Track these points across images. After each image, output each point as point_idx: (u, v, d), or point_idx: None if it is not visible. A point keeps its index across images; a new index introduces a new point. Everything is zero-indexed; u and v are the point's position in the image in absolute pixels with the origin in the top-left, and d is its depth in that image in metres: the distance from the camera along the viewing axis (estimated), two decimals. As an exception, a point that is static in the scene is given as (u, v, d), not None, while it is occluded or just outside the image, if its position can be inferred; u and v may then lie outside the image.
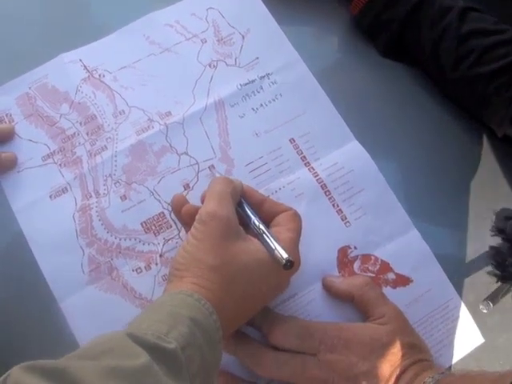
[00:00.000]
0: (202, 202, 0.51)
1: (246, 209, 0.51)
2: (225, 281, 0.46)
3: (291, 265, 0.46)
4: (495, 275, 0.53)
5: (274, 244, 0.47)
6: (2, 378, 0.33)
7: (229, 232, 0.47)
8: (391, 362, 0.50)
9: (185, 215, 0.52)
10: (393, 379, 0.49)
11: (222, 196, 0.49)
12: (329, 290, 0.55)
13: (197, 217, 0.48)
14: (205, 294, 0.44)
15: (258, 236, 0.49)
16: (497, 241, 0.59)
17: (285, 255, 0.46)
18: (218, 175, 0.54)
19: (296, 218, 0.51)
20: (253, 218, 0.50)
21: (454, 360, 0.55)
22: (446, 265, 0.57)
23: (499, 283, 0.57)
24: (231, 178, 0.52)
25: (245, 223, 0.50)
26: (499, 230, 0.56)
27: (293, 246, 0.49)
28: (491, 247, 0.56)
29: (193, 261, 0.46)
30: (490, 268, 0.59)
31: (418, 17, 0.61)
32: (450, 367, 0.55)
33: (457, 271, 0.58)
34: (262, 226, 0.49)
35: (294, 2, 0.66)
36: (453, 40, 0.59)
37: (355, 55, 0.65)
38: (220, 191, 0.49)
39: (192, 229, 0.48)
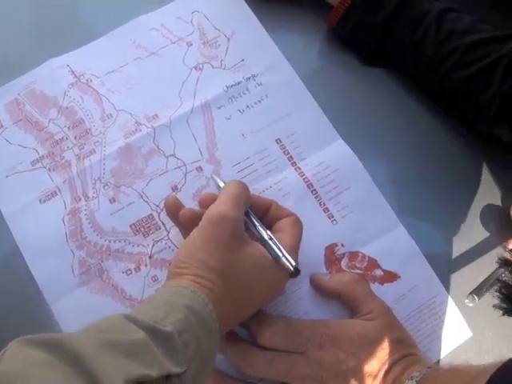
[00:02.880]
0: (201, 204, 0.51)
1: (251, 215, 0.51)
2: (226, 284, 0.46)
3: (298, 273, 0.47)
4: (501, 308, 0.52)
5: (281, 251, 0.48)
6: (1, 352, 0.33)
7: (236, 236, 0.47)
8: (379, 358, 0.50)
9: (182, 219, 0.51)
10: (381, 374, 0.50)
11: (237, 200, 0.49)
12: (317, 287, 0.55)
13: (206, 216, 0.48)
14: (203, 292, 0.44)
15: (263, 242, 0.49)
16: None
17: (293, 263, 0.47)
18: (220, 182, 0.54)
19: (298, 223, 0.52)
20: (257, 224, 0.50)
21: (443, 354, 0.56)
22: (433, 261, 0.58)
23: (485, 278, 0.58)
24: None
25: (247, 228, 0.50)
26: (506, 262, 0.55)
27: (294, 252, 0.50)
28: (498, 280, 0.56)
29: (195, 261, 0.46)
30: (495, 300, 0.59)
31: (397, 22, 0.61)
32: (439, 361, 0.56)
33: (444, 267, 0.59)
34: (268, 233, 0.49)
35: (279, 4, 0.66)
36: (432, 44, 0.60)
37: (340, 56, 0.66)
38: (236, 194, 0.49)
39: (199, 228, 0.48)
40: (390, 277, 0.57)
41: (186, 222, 0.51)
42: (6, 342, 0.54)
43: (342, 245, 0.57)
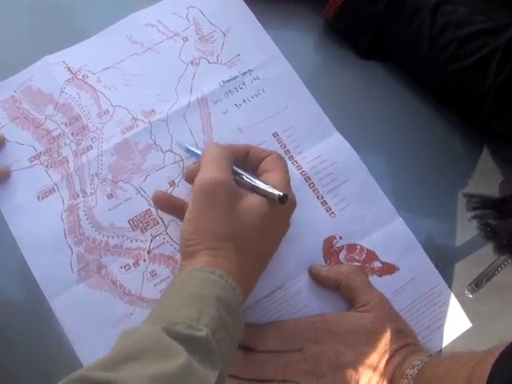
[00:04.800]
0: (188, 177, 0.51)
1: (235, 167, 0.51)
2: (238, 245, 0.46)
3: (286, 197, 0.47)
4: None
5: (265, 187, 0.48)
6: None
7: (232, 197, 0.47)
8: (378, 349, 0.50)
9: (174, 210, 0.52)
10: (382, 365, 0.50)
11: (221, 161, 0.48)
12: (315, 278, 0.55)
13: (196, 187, 0.47)
14: (222, 265, 0.44)
15: (253, 189, 0.49)
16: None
17: (276, 192, 0.47)
18: (198, 151, 0.54)
19: (280, 159, 0.52)
20: (243, 174, 0.50)
21: (443, 345, 0.56)
22: (431, 252, 0.58)
23: (484, 269, 0.58)
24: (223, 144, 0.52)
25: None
26: (489, 236, 0.56)
27: (285, 185, 0.49)
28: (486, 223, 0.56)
29: (202, 234, 0.46)
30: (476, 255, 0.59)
31: (392, 15, 0.61)
32: (440, 351, 0.56)
33: (443, 258, 0.59)
34: (252, 178, 0.49)
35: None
36: (427, 36, 0.60)
37: (336, 50, 0.66)
38: (219, 157, 0.49)
39: (193, 201, 0.47)
40: (389, 269, 0.57)
41: (164, 204, 0.52)
42: (7, 339, 0.54)
43: (341, 237, 0.57)
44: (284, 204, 0.47)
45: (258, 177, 0.50)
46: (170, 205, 0.54)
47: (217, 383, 0.38)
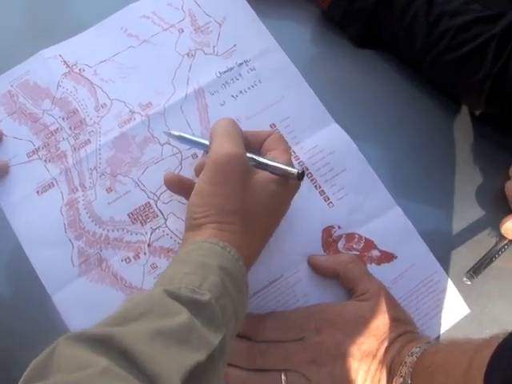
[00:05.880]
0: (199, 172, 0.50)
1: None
2: (245, 221, 0.46)
3: (303, 174, 0.48)
4: None
5: (281, 166, 0.48)
6: (50, 349, 0.33)
7: (246, 172, 0.47)
8: (377, 337, 0.51)
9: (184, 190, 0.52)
10: (381, 352, 0.51)
11: (235, 136, 0.48)
12: (314, 268, 0.56)
13: (210, 160, 0.47)
14: (227, 238, 0.45)
15: (263, 166, 0.49)
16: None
17: (294, 170, 0.47)
18: (200, 139, 0.54)
19: (282, 138, 0.52)
20: (250, 154, 0.49)
21: (441, 331, 0.57)
22: (429, 240, 0.59)
23: (482, 255, 0.58)
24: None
25: None
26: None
27: (291, 164, 0.50)
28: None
29: (211, 207, 0.46)
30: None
31: (388, 5, 0.61)
32: (439, 337, 0.56)
33: (441, 246, 0.59)
34: (263, 157, 0.49)
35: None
36: (423, 26, 0.60)
37: (332, 40, 0.66)
38: (232, 131, 0.49)
39: (208, 174, 0.47)
40: (387, 257, 0.57)
41: (175, 186, 0.52)
42: (10, 333, 0.55)
43: (339, 227, 0.58)
44: (300, 181, 0.48)
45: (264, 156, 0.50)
46: (180, 185, 0.54)
47: (220, 346, 0.38)
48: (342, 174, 0.59)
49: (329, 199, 0.58)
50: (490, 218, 0.61)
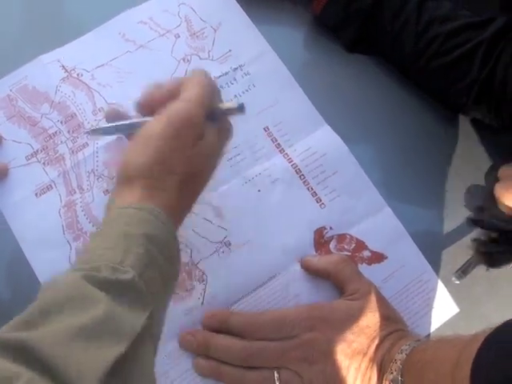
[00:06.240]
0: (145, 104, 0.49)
1: None
2: (183, 183, 0.44)
3: (243, 106, 0.48)
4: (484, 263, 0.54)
5: (222, 105, 0.48)
6: None
7: (199, 135, 0.45)
8: (367, 335, 0.52)
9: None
10: (371, 350, 0.52)
11: (202, 100, 0.45)
12: (307, 268, 0.57)
13: (174, 112, 0.44)
14: (158, 198, 0.43)
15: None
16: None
17: (235, 104, 0.47)
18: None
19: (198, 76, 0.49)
20: None
21: (431, 330, 0.58)
22: (419, 241, 0.60)
23: (470, 256, 0.60)
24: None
25: None
26: (475, 222, 0.56)
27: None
28: (473, 240, 0.57)
29: (157, 166, 0.43)
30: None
31: (379, 11, 0.62)
32: (429, 336, 0.57)
33: (431, 246, 0.61)
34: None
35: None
36: (413, 32, 0.61)
37: (325, 44, 0.67)
38: (203, 95, 0.46)
39: (162, 123, 0.44)
40: (378, 257, 0.58)
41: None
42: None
43: (331, 228, 0.59)
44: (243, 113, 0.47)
45: None
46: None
47: (146, 323, 0.37)
48: (333, 175, 0.60)
49: (321, 200, 0.59)
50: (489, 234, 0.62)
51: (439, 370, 0.45)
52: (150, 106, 0.48)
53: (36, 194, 0.59)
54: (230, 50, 0.64)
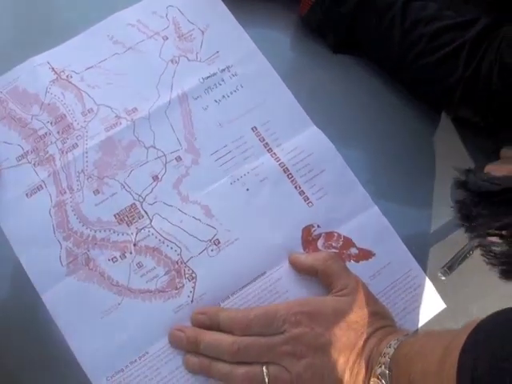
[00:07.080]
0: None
1: None
2: None
3: None
4: (463, 226, 0.54)
5: None
6: None
7: None
8: (355, 330, 0.53)
9: None
10: (359, 345, 0.52)
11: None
12: (295, 265, 0.58)
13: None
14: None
15: None
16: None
17: None
18: None
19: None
20: None
21: (418, 326, 0.58)
22: (407, 238, 0.60)
23: (456, 251, 0.61)
24: None
25: None
26: (461, 183, 0.57)
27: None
28: (456, 201, 0.57)
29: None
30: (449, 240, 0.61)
31: (365, 12, 0.63)
32: (417, 331, 0.58)
33: (418, 243, 0.61)
34: None
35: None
36: (398, 33, 0.62)
37: (311, 46, 0.68)
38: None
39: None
40: (365, 255, 0.59)
41: None
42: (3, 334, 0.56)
43: (318, 226, 0.59)
44: None
45: None
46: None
47: None
48: (321, 174, 0.61)
49: (308, 199, 0.60)
50: (473, 196, 0.62)
51: (427, 359, 0.45)
52: None
53: (27, 195, 0.59)
54: (217, 52, 0.65)
